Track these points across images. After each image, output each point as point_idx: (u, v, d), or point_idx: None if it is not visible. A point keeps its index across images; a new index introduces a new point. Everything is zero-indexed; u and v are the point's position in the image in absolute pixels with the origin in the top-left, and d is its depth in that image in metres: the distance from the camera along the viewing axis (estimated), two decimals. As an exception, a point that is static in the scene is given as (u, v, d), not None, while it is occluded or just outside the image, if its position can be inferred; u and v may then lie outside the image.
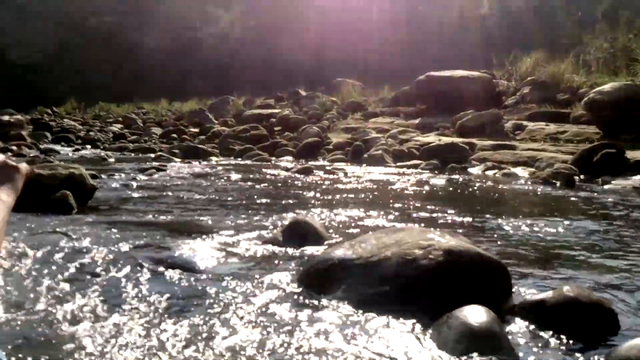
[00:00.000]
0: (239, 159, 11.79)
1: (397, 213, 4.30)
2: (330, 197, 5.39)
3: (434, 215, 4.27)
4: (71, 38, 37.67)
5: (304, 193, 5.66)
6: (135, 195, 5.24)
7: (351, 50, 32.59)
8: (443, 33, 30.24)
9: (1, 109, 19.94)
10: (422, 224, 3.75)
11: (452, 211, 4.42)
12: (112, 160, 10.33)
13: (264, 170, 8.86)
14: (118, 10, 38.57)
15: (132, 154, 12.39)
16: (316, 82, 24.78)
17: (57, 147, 12.82)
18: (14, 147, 11.45)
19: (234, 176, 7.52)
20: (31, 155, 10.28)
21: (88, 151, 12.74)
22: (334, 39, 33.97)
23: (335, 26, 33.77)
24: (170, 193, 5.40)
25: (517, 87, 14.11)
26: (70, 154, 11.62)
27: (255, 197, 5.29)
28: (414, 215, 4.26)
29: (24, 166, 1.07)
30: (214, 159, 11.51)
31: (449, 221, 4.00)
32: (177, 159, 10.89)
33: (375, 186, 6.48)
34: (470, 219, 4.06)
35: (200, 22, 38.59)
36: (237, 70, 33.25)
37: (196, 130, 17.83)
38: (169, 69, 34.38)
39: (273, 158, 11.64)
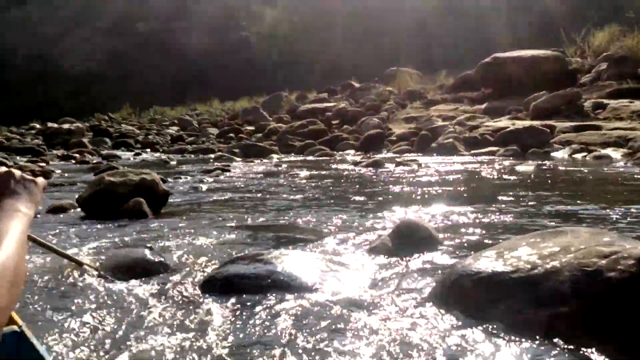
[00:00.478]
0: (301, 155, 11.41)
1: (508, 208, 3.75)
2: (417, 190, 4.88)
3: (554, 208, 3.68)
4: (121, 45, 38.42)
5: (388, 188, 5.17)
6: (208, 198, 4.89)
7: (399, 39, 31.79)
8: (497, 14, 29.02)
9: (60, 118, 20.38)
10: (552, 220, 3.20)
11: (575, 203, 3.84)
12: (174, 162, 10.14)
13: (331, 165, 8.43)
14: (165, 14, 39.08)
15: (192, 156, 12.24)
16: (366, 73, 24.18)
17: (118, 153, 12.81)
18: (77, 155, 11.46)
19: (304, 173, 7.12)
20: (94, 161, 10.22)
21: (148, 155, 12.66)
22: (381, 29, 33.27)
23: (381, 15, 33.08)
24: (243, 195, 5.03)
25: (592, 64, 13.12)
26: (132, 159, 11.53)
27: (338, 195, 4.85)
28: (533, 209, 3.67)
29: (40, 180, 1.11)
30: (274, 156, 11.18)
31: (582, 215, 3.41)
32: (238, 158, 10.62)
33: (460, 177, 5.93)
34: (605, 212, 3.45)
35: (246, 21, 38.63)
36: (284, 66, 33.08)
37: (251, 128, 17.62)
38: (218, 69, 34.54)
39: (336, 152, 11.20)
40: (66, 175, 7.72)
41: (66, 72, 36.37)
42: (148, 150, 14.00)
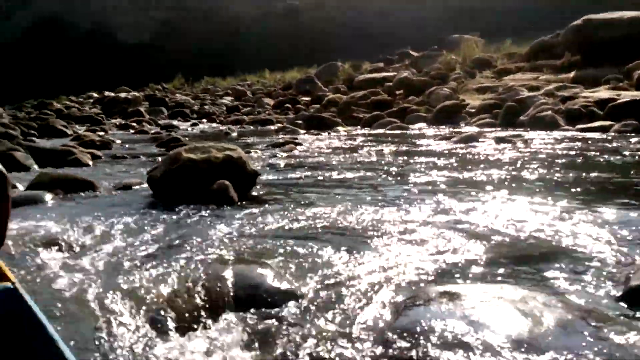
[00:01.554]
0: (368, 128, 10.48)
1: None
2: (582, 179, 3.80)
3: None
4: (174, 17, 38.19)
5: (529, 172, 4.13)
6: (296, 178, 4.06)
7: (459, 4, 30.13)
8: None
9: (116, 88, 20.05)
10: None
11: None
12: (234, 134, 9.39)
13: (414, 140, 7.46)
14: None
15: (251, 127, 11.50)
16: (421, 41, 22.73)
17: (175, 122, 12.18)
18: (135, 124, 10.91)
19: (389, 149, 6.20)
20: (152, 132, 9.59)
21: (206, 125, 11.99)
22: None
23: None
24: (335, 174, 4.15)
25: (700, 27, 11.55)
26: (189, 129, 10.86)
27: (468, 178, 3.90)
28: None
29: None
30: (340, 129, 10.30)
31: None
32: (301, 130, 9.82)
33: (608, 159, 4.79)
34: None
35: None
36: (333, 35, 31.97)
37: (307, 99, 16.74)
38: (267, 39, 33.81)
39: (408, 125, 10.21)
40: (126, 146, 7.08)
41: (121, 45, 36.45)
42: (204, 120, 13.33)
